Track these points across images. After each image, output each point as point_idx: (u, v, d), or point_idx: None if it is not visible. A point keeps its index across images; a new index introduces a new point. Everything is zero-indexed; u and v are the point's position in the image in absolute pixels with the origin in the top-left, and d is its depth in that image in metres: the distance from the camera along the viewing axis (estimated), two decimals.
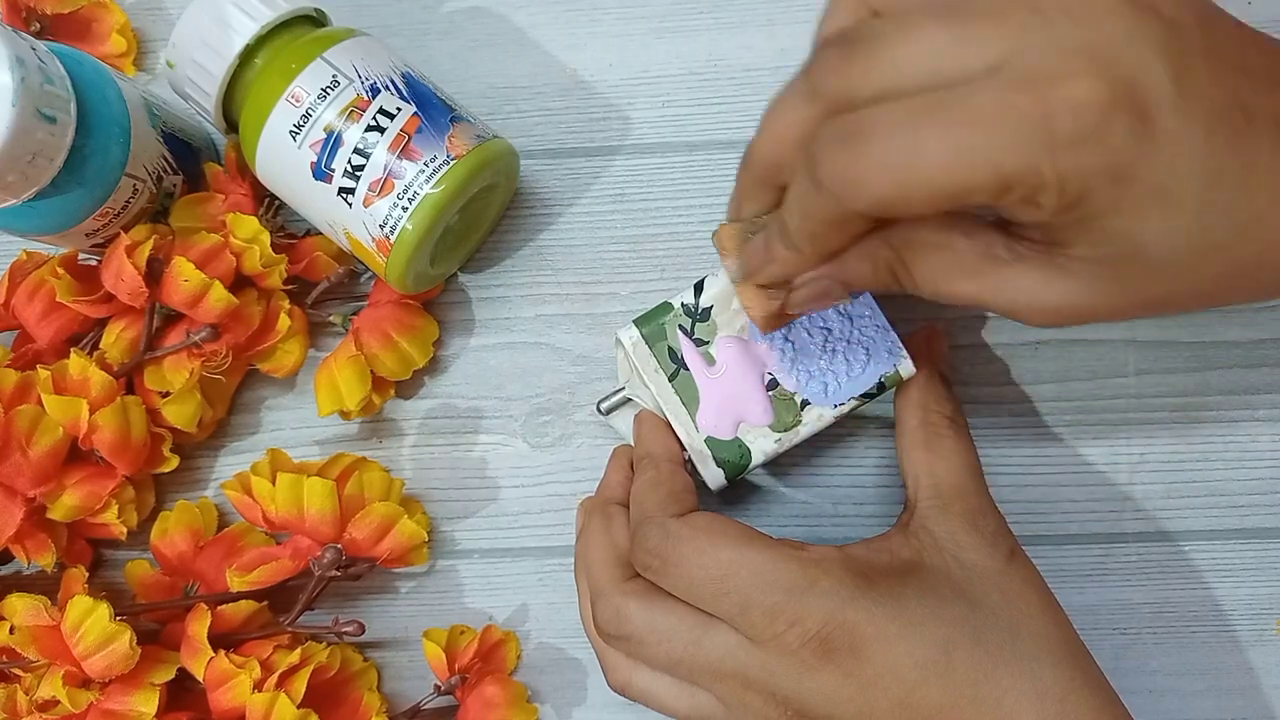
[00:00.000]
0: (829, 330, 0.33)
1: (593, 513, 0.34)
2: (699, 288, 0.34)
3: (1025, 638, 0.28)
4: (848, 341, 0.33)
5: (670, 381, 0.33)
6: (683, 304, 0.34)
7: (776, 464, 0.38)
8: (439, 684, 0.37)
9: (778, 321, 0.30)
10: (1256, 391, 0.38)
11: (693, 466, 0.34)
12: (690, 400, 0.33)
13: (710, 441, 0.33)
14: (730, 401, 0.33)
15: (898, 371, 0.33)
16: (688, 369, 0.33)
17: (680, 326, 0.34)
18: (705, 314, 0.34)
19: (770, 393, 0.33)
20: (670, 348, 0.33)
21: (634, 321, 0.34)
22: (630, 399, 0.35)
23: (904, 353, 0.33)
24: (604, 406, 0.36)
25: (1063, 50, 0.21)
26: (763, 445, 0.33)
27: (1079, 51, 0.21)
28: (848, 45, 0.24)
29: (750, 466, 0.33)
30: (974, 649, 0.27)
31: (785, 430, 0.33)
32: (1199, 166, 0.22)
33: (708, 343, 0.33)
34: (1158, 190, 0.22)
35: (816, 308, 0.28)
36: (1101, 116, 0.21)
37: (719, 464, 0.33)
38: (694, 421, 0.33)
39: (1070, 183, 0.21)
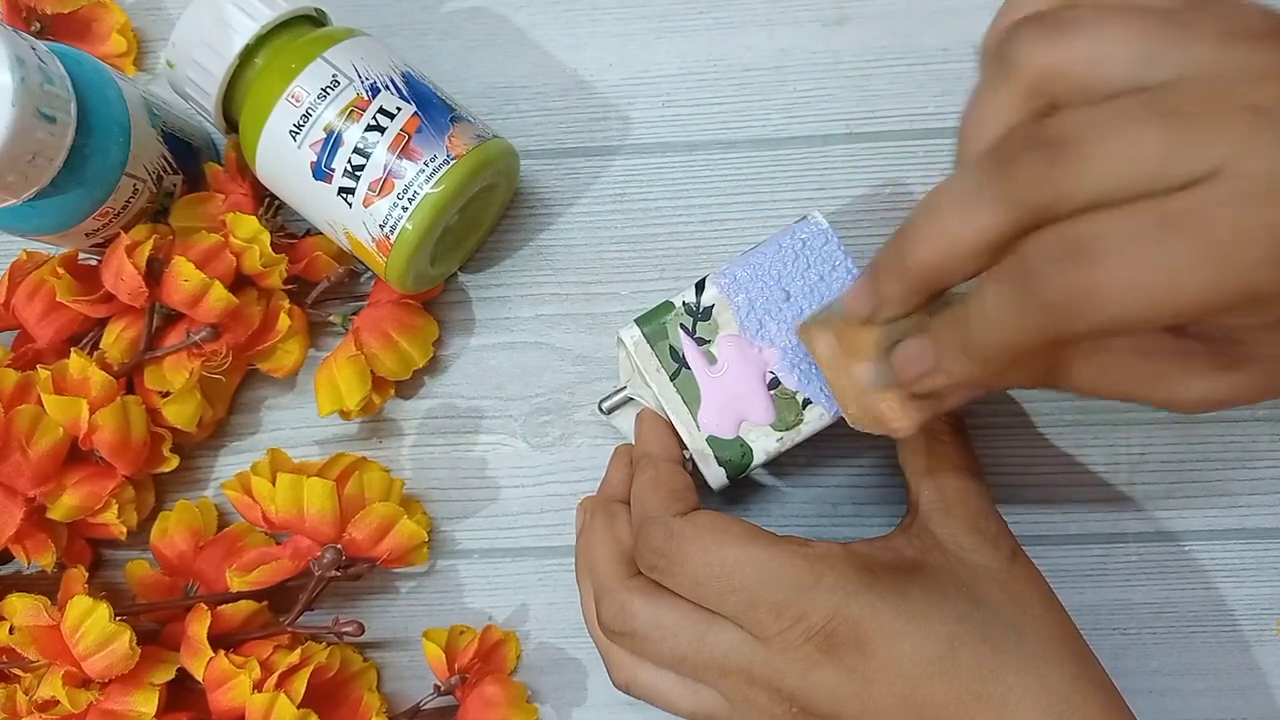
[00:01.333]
0: None
1: (595, 511, 0.34)
2: (700, 286, 0.34)
3: (1030, 636, 0.28)
4: None
5: (672, 380, 0.33)
6: (684, 303, 0.34)
7: (777, 464, 0.38)
8: (439, 684, 0.37)
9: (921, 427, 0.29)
10: None
11: (694, 465, 0.34)
12: (692, 399, 0.33)
13: (712, 441, 0.33)
14: (732, 400, 0.33)
15: None
16: (689, 368, 0.33)
17: (682, 325, 0.34)
18: (707, 313, 0.34)
19: (772, 392, 0.33)
20: (672, 346, 0.33)
21: (635, 320, 0.34)
22: (632, 398, 0.35)
23: None
24: (605, 406, 0.36)
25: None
26: (765, 444, 0.33)
27: None
28: (1053, 148, 0.22)
29: (752, 466, 0.33)
30: (979, 646, 0.27)
31: (787, 429, 0.33)
32: None
33: (709, 341, 0.33)
34: None
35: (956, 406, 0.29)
36: None
37: (721, 463, 0.33)
38: (695, 421, 0.33)
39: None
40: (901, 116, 0.39)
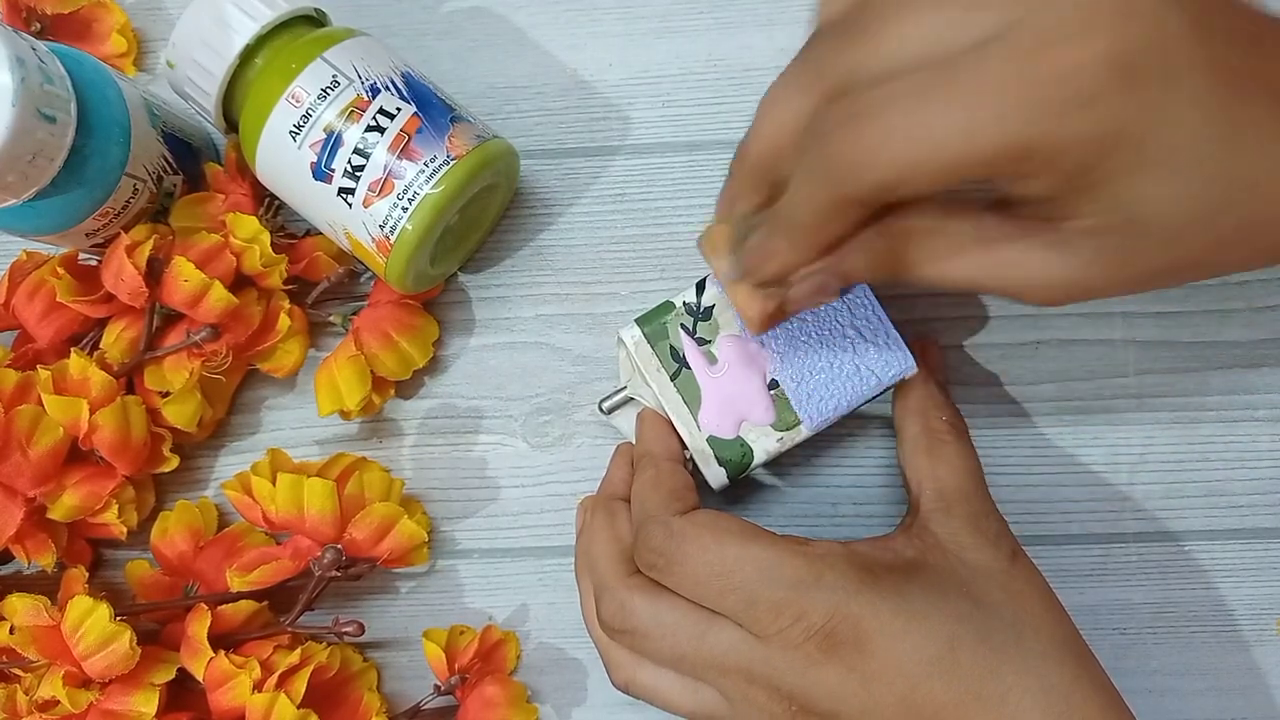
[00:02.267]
0: (830, 329, 0.33)
1: (595, 509, 0.34)
2: (701, 286, 0.34)
3: (1030, 636, 0.28)
4: (848, 342, 0.33)
5: (672, 380, 0.33)
6: (684, 303, 0.34)
7: (777, 463, 0.38)
8: (439, 684, 0.37)
9: (772, 321, 0.30)
10: (1256, 391, 0.38)
11: (694, 465, 0.34)
12: (692, 399, 0.33)
13: (712, 441, 0.33)
14: (732, 400, 0.33)
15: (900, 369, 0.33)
16: (690, 368, 0.33)
17: (682, 325, 0.34)
18: (707, 313, 0.34)
19: (772, 392, 0.33)
20: (672, 346, 0.33)
21: (636, 320, 0.34)
22: (632, 398, 0.35)
23: (905, 350, 0.33)
24: (606, 406, 0.36)
25: (1065, 14, 0.21)
26: (765, 444, 0.33)
27: (1083, 13, 0.21)
28: (846, 28, 0.24)
29: (752, 466, 0.33)
30: (979, 646, 0.27)
31: (787, 429, 0.33)
32: (1204, 131, 0.21)
33: (710, 341, 0.33)
34: (1163, 154, 0.21)
35: (813, 304, 0.28)
36: (1110, 79, 0.21)
37: (721, 463, 0.33)
38: (696, 421, 0.33)
39: (1076, 148, 0.21)
40: None
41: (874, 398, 0.33)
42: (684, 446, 0.34)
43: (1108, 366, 0.38)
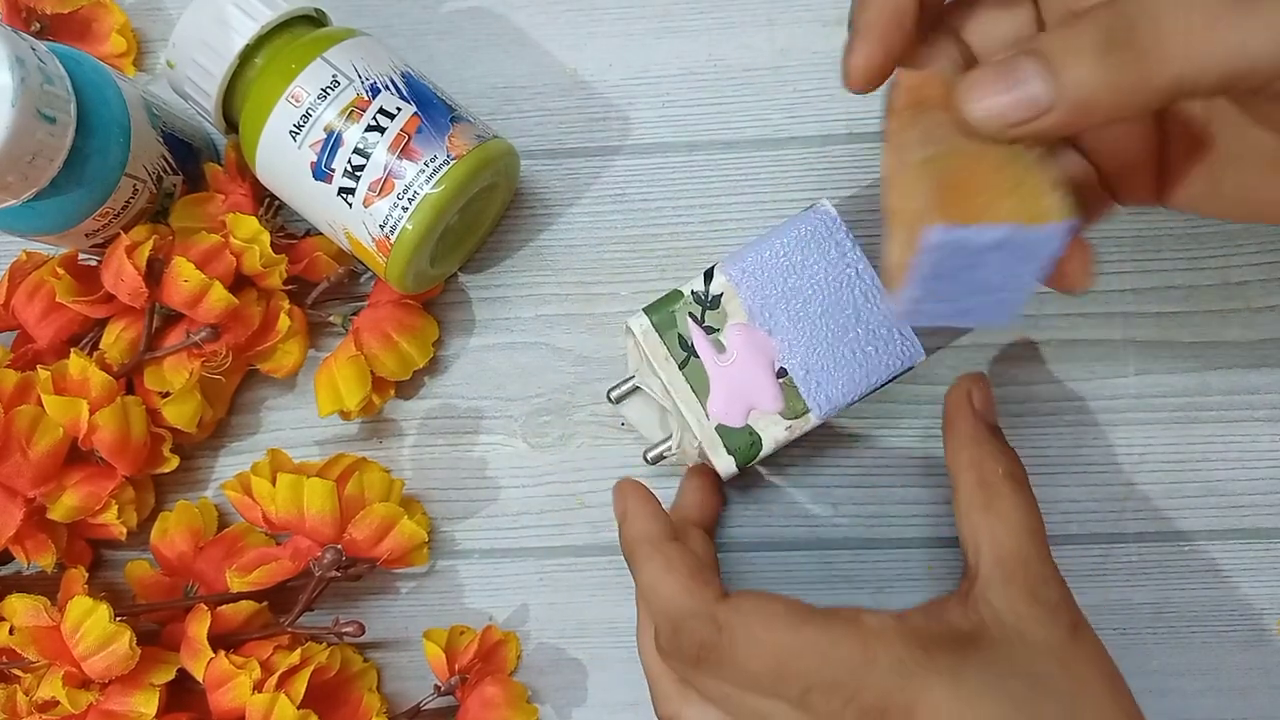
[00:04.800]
0: (839, 317, 0.33)
1: (659, 542, 0.31)
2: (709, 275, 0.34)
3: (1086, 718, 0.27)
4: (857, 331, 0.33)
5: (680, 369, 0.33)
6: (693, 291, 0.34)
7: (778, 463, 0.38)
8: (439, 684, 0.37)
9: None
10: (1256, 391, 0.38)
11: (703, 453, 0.34)
12: (700, 388, 0.33)
13: (721, 429, 0.33)
14: (741, 389, 0.33)
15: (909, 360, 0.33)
16: (698, 356, 0.33)
17: (690, 314, 0.34)
18: (715, 301, 0.34)
19: (780, 380, 0.33)
20: (680, 335, 0.33)
21: (644, 309, 0.34)
22: (639, 388, 0.35)
23: (913, 338, 0.33)
24: (614, 395, 0.36)
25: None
26: (773, 433, 0.33)
27: None
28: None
29: (761, 454, 0.33)
30: None
31: (796, 417, 0.33)
32: None
33: (718, 330, 0.33)
34: None
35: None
36: None
37: (729, 451, 0.33)
38: (704, 409, 0.33)
39: None
40: None
41: (883, 386, 0.33)
42: (720, 492, 0.33)
43: (1107, 366, 0.38)
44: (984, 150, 0.23)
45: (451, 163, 0.33)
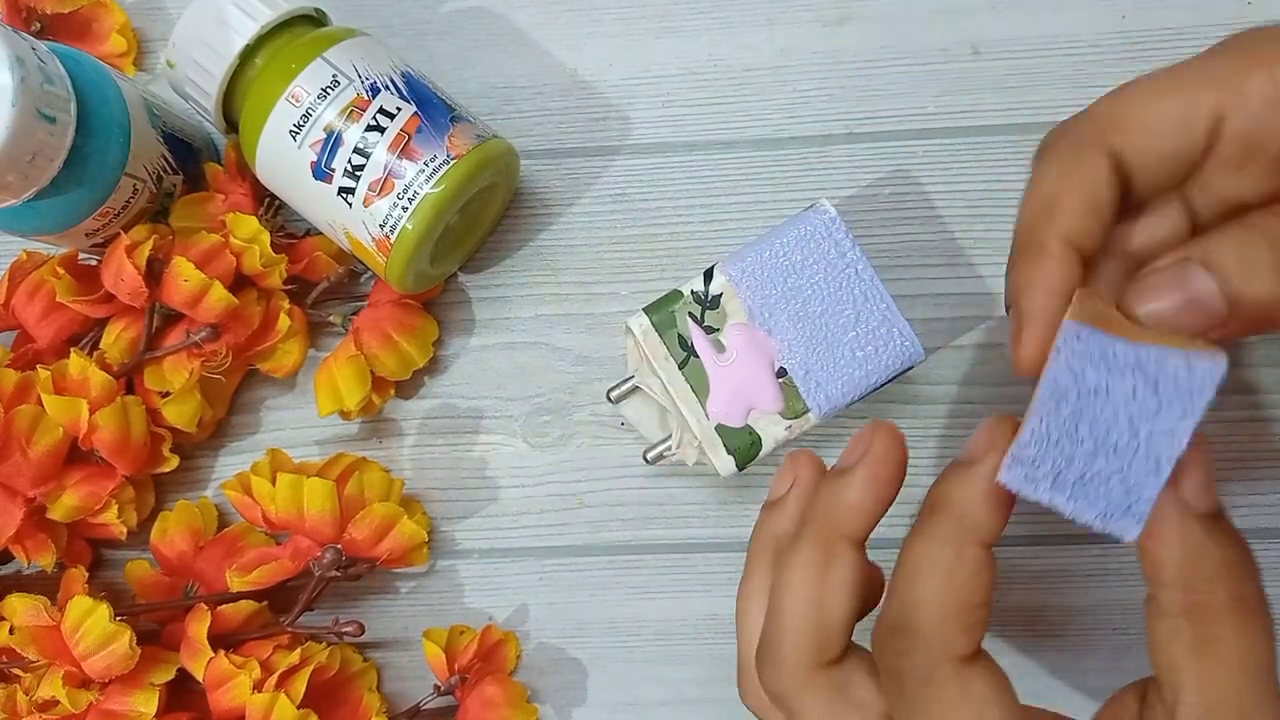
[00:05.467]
0: (837, 318, 0.33)
1: (805, 542, 0.26)
2: (709, 275, 0.34)
3: None
4: (856, 331, 0.33)
5: (680, 369, 0.33)
6: (693, 291, 0.34)
7: (779, 462, 0.38)
8: (439, 684, 0.37)
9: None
10: (1257, 391, 0.38)
11: (703, 453, 0.34)
12: (700, 388, 0.33)
13: (721, 429, 0.33)
14: (740, 389, 0.33)
15: (909, 360, 0.33)
16: (698, 356, 0.33)
17: (690, 314, 0.34)
18: (715, 301, 0.33)
19: (780, 380, 0.33)
20: (680, 335, 0.33)
21: (644, 309, 0.34)
22: (639, 387, 0.35)
23: (913, 338, 0.33)
24: (614, 395, 0.36)
25: None
26: (774, 432, 0.33)
27: None
28: None
29: (761, 454, 0.33)
30: None
31: (796, 417, 0.33)
32: None
33: (718, 330, 0.33)
34: None
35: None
36: None
37: (730, 451, 0.33)
38: (704, 409, 0.33)
39: None
40: (901, 116, 0.39)
41: (883, 386, 0.33)
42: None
43: None
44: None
45: (451, 162, 0.33)
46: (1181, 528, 0.23)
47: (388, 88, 0.34)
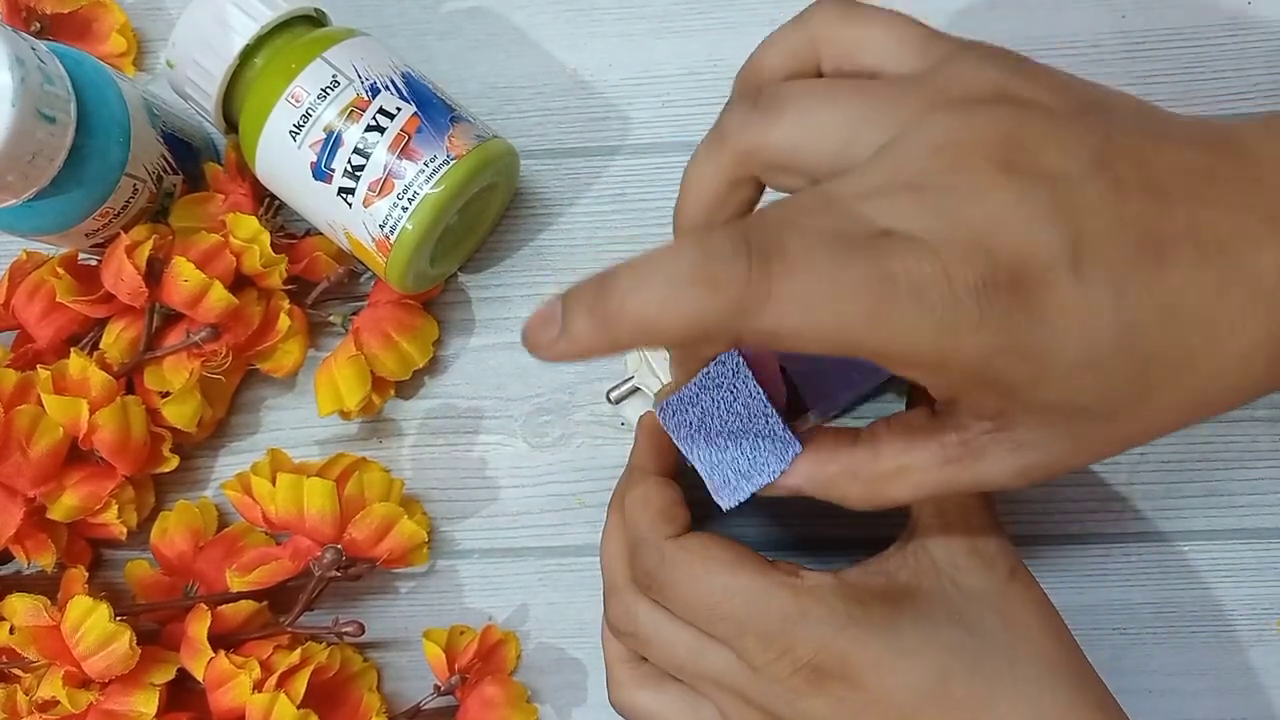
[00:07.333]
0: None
1: (611, 506, 0.33)
2: None
3: (1024, 662, 0.28)
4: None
5: None
6: None
7: None
8: (439, 684, 0.37)
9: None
10: None
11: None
12: None
13: None
14: None
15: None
16: None
17: None
18: None
19: (780, 380, 0.33)
20: None
21: None
22: (639, 388, 0.35)
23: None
24: (613, 396, 0.36)
25: (945, 232, 0.20)
26: None
27: (960, 232, 0.20)
28: (753, 104, 0.26)
29: None
30: (971, 678, 0.27)
31: (796, 417, 0.33)
32: (1112, 324, 0.21)
33: None
34: (1073, 358, 0.21)
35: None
36: (989, 299, 0.20)
37: None
38: None
39: (974, 363, 0.21)
40: None
41: (883, 385, 0.33)
42: (682, 458, 0.31)
43: None
44: None
45: (451, 163, 0.33)
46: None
47: (388, 88, 0.34)
